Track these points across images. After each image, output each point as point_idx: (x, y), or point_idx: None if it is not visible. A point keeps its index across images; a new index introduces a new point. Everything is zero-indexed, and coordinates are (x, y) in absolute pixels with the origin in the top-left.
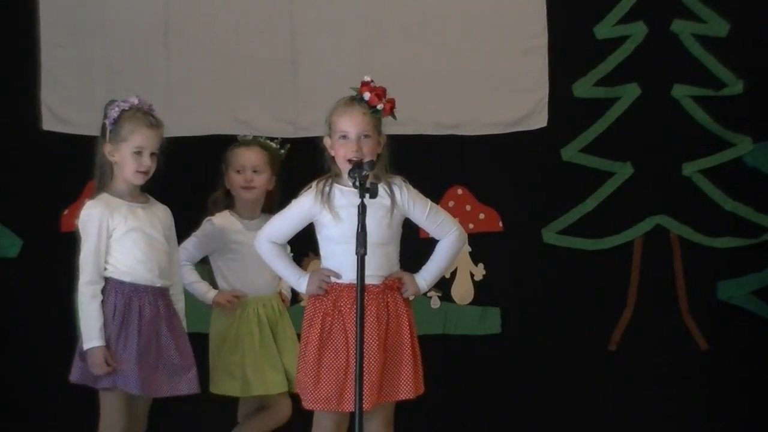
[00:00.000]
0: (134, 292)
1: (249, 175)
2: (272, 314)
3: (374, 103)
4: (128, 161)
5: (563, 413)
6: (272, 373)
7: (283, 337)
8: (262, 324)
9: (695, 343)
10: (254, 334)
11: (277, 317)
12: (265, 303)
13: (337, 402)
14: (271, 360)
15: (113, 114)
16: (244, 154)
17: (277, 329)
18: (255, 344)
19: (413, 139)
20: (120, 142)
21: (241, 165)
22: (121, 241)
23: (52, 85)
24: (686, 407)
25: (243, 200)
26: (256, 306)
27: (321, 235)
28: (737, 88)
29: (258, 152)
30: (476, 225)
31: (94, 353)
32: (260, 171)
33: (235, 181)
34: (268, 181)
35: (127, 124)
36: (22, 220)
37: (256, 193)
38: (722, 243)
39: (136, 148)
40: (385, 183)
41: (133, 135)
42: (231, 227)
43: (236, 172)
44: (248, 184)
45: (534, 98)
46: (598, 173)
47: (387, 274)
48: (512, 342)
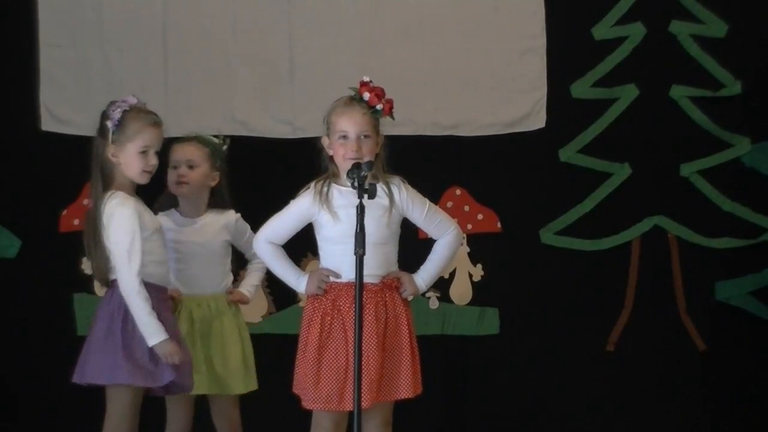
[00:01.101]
0: (159, 293)
1: (183, 170)
2: (206, 314)
3: (374, 103)
4: (134, 161)
5: (561, 414)
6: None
7: (217, 338)
8: (192, 323)
9: (693, 343)
10: (182, 333)
11: (212, 317)
12: (200, 303)
13: (338, 401)
14: (193, 361)
15: (116, 115)
16: (179, 149)
17: (211, 329)
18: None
19: (412, 140)
20: (125, 143)
21: (176, 160)
22: (149, 242)
23: (51, 86)
24: (684, 408)
25: (180, 197)
26: (190, 305)
27: (319, 235)
28: (735, 88)
29: (193, 147)
30: (474, 225)
31: (164, 345)
32: (195, 165)
33: (171, 178)
34: (206, 176)
35: (133, 123)
36: (21, 220)
37: (189, 189)
38: (720, 243)
39: (143, 148)
40: (383, 183)
41: (139, 135)
42: (168, 225)
43: (172, 168)
44: (180, 179)
45: (532, 99)
46: (596, 174)
47: (385, 274)
48: (511, 342)
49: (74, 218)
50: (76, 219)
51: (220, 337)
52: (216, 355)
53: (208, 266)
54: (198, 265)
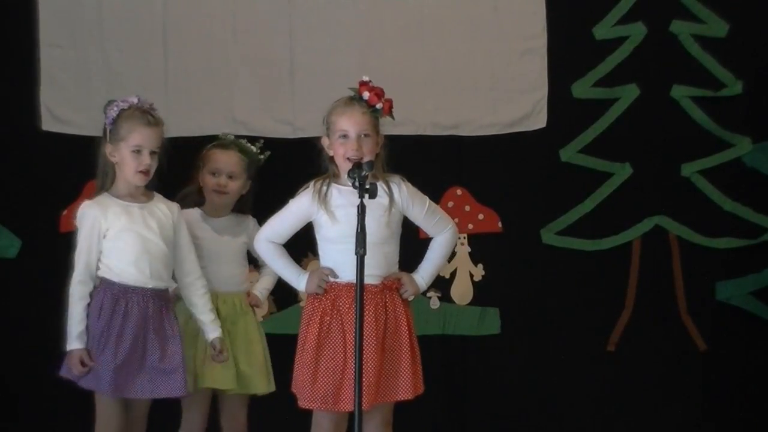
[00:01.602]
0: (123, 293)
1: (223, 180)
2: (231, 312)
3: (374, 103)
4: (128, 161)
5: (562, 413)
6: (221, 369)
7: (242, 336)
8: (220, 320)
9: (694, 343)
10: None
11: (237, 315)
12: (225, 300)
13: (334, 401)
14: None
15: (112, 114)
16: (222, 157)
17: (236, 328)
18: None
19: (412, 140)
20: (119, 142)
21: (217, 168)
22: (114, 242)
23: (51, 86)
24: (685, 408)
25: (212, 203)
26: (216, 302)
27: (319, 235)
28: (736, 88)
29: (235, 156)
30: (475, 225)
31: (71, 355)
32: (235, 177)
33: (209, 184)
34: (243, 186)
35: (125, 123)
36: (21, 220)
37: (227, 199)
38: (721, 243)
39: (135, 147)
40: (383, 182)
41: (131, 134)
42: (194, 223)
43: (211, 174)
44: (222, 189)
45: (533, 99)
46: (597, 174)
47: (386, 274)
48: (511, 342)
49: (74, 218)
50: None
51: (247, 337)
52: (241, 353)
53: (231, 265)
54: (222, 262)
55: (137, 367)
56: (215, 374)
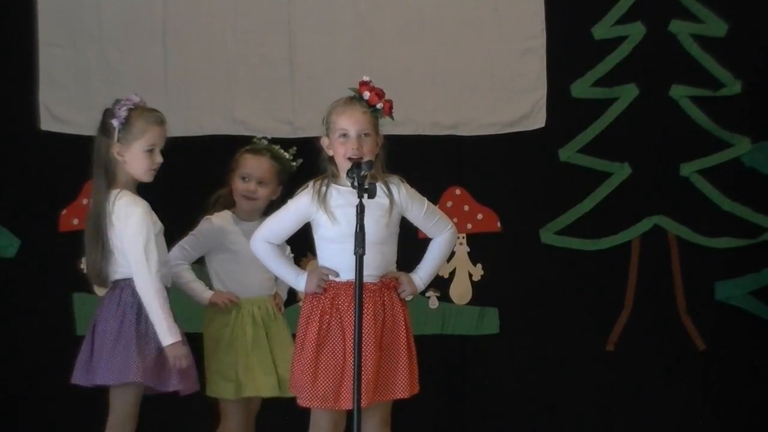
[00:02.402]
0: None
1: (253, 186)
2: (266, 316)
3: (374, 102)
4: (140, 160)
5: (561, 413)
6: (264, 376)
7: (277, 339)
8: (257, 325)
9: (693, 343)
10: (248, 336)
11: (271, 319)
12: (260, 305)
13: (334, 400)
14: (264, 362)
15: (122, 113)
16: (253, 163)
17: (271, 332)
18: (248, 346)
19: (411, 140)
20: (132, 142)
21: (247, 173)
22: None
23: (50, 86)
24: (684, 407)
25: (241, 208)
26: (251, 308)
27: (317, 235)
28: (735, 88)
29: (267, 163)
30: (474, 225)
31: (177, 348)
32: (265, 183)
33: (239, 188)
34: (273, 192)
35: (139, 122)
36: (20, 219)
37: (256, 204)
38: (720, 243)
39: (149, 146)
40: (382, 182)
41: (145, 133)
42: (228, 227)
43: (242, 179)
44: (251, 195)
45: (532, 99)
46: (596, 173)
47: (384, 273)
48: (510, 342)
49: (73, 218)
50: (76, 218)
51: (280, 340)
52: (277, 357)
53: (263, 269)
54: (255, 267)
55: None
56: (258, 382)
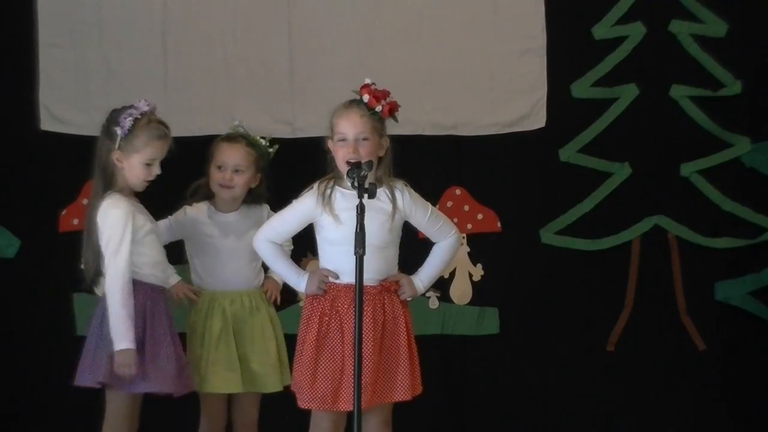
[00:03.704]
0: (158, 294)
1: (229, 174)
2: (240, 310)
3: (373, 105)
4: (137, 171)
5: (561, 414)
6: (225, 372)
7: (251, 335)
8: (226, 320)
9: (693, 343)
10: (213, 330)
11: (246, 314)
12: (233, 299)
13: (333, 401)
14: (228, 358)
15: (126, 123)
16: (227, 151)
17: (246, 326)
18: (212, 341)
19: (411, 140)
20: (132, 153)
21: (223, 162)
22: (143, 243)
23: (50, 86)
24: (684, 408)
25: (219, 197)
26: (223, 301)
27: (320, 236)
28: (735, 88)
29: (242, 150)
30: (474, 225)
31: (126, 355)
32: (242, 170)
33: (215, 177)
34: (250, 180)
35: (141, 135)
36: (20, 220)
37: (234, 193)
38: (720, 243)
39: (149, 160)
40: (387, 187)
41: (146, 147)
42: (202, 219)
43: (217, 168)
44: (227, 183)
45: (532, 99)
46: (596, 174)
47: (385, 277)
48: (510, 342)
49: (73, 218)
50: (76, 219)
51: (258, 334)
52: (252, 352)
53: (240, 262)
54: (230, 260)
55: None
56: (218, 379)
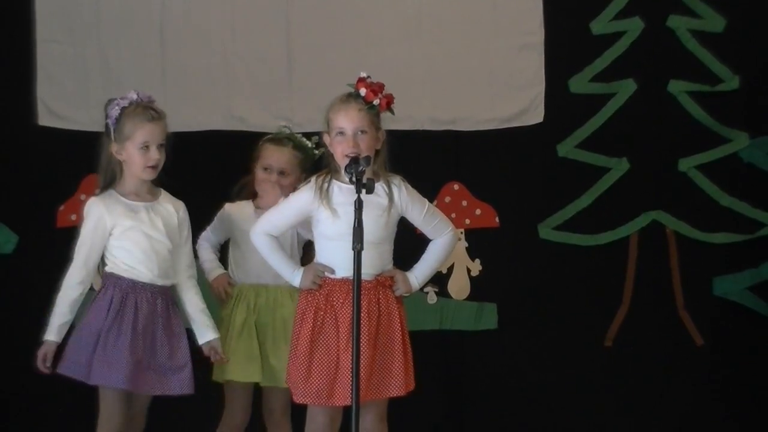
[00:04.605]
0: (132, 288)
1: (275, 176)
2: (265, 304)
3: (370, 99)
4: (136, 158)
5: (559, 408)
6: (246, 362)
7: (273, 329)
8: (249, 312)
9: (691, 338)
10: (237, 321)
11: (270, 308)
12: (259, 292)
13: (327, 396)
14: (248, 348)
15: (114, 113)
16: (274, 154)
17: (269, 320)
18: (234, 331)
19: (409, 135)
20: (125, 141)
21: (269, 164)
22: (121, 240)
23: (48, 81)
24: (682, 403)
25: (265, 198)
26: (249, 294)
27: (316, 231)
28: (733, 83)
29: (289, 153)
30: (473, 221)
31: (46, 344)
32: (287, 173)
33: (260, 178)
34: (296, 182)
35: (129, 121)
36: (18, 215)
37: (277, 194)
38: (718, 239)
39: (142, 144)
40: (384, 181)
41: (136, 132)
42: (240, 216)
43: (263, 169)
44: (271, 187)
45: (530, 94)
46: (594, 169)
47: (379, 272)
48: (509, 337)
49: (71, 213)
50: (74, 214)
51: (280, 329)
52: (272, 347)
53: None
54: (258, 255)
55: (147, 363)
56: (237, 368)
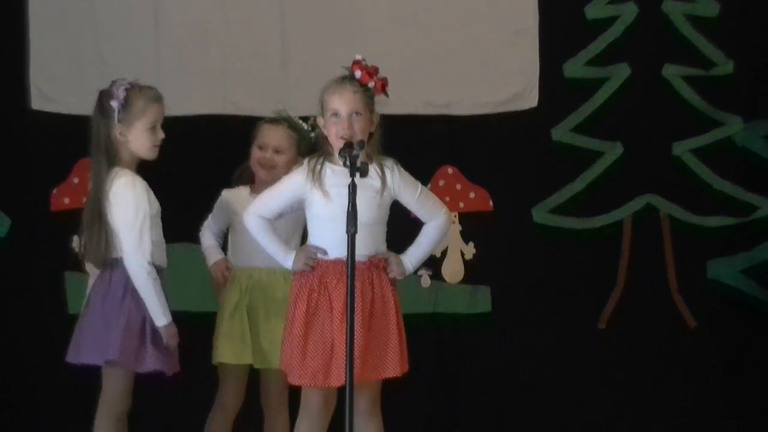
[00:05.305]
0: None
1: (269, 153)
2: (258, 286)
3: (365, 81)
4: (143, 138)
5: (553, 391)
6: (237, 343)
7: (266, 311)
8: (242, 294)
9: (684, 322)
10: (229, 303)
11: (263, 291)
12: (252, 274)
13: (323, 377)
14: (240, 330)
15: (121, 94)
16: (268, 131)
17: (261, 303)
18: (225, 313)
19: (403, 119)
20: (133, 121)
21: (263, 142)
22: (152, 222)
23: (41, 65)
24: (675, 386)
25: (259, 177)
26: (243, 276)
27: (309, 213)
28: (727, 68)
29: (283, 131)
30: (466, 204)
31: (169, 328)
32: (283, 151)
33: (255, 156)
34: (291, 162)
35: (139, 101)
36: (11, 199)
37: (275, 174)
38: (712, 222)
39: (152, 124)
40: (377, 164)
41: (146, 112)
42: (237, 201)
43: (258, 148)
44: (267, 163)
45: (524, 78)
46: (588, 153)
47: (373, 253)
48: (502, 321)
49: (65, 197)
50: (67, 198)
51: (273, 312)
52: (264, 329)
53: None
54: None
55: None
56: (227, 349)
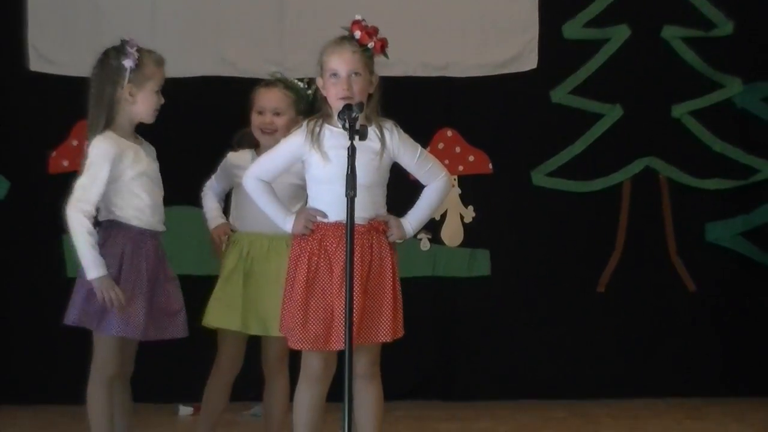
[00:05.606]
0: (141, 237)
1: (269, 117)
2: (258, 252)
3: (365, 42)
4: (150, 100)
5: (551, 353)
6: (226, 308)
7: (266, 277)
8: (240, 259)
9: (683, 284)
10: (226, 268)
11: (263, 256)
12: (253, 240)
13: (325, 341)
14: (232, 295)
15: (134, 55)
16: (265, 95)
17: (260, 268)
18: (223, 276)
19: (402, 81)
20: (144, 82)
21: (261, 106)
22: (130, 185)
23: (39, 26)
24: (674, 348)
25: (262, 143)
26: (243, 241)
27: (308, 175)
28: (727, 28)
29: (280, 93)
30: (466, 167)
31: (101, 281)
32: (281, 113)
33: (255, 122)
34: (291, 123)
35: (149, 63)
36: (10, 161)
37: (276, 137)
38: (711, 185)
39: (159, 87)
40: (376, 126)
41: (155, 74)
42: (240, 164)
43: (258, 113)
44: (267, 126)
45: (523, 40)
46: (587, 115)
47: (372, 216)
48: (501, 284)
49: (63, 159)
50: (66, 160)
51: (273, 278)
52: (262, 295)
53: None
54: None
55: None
56: (216, 314)
